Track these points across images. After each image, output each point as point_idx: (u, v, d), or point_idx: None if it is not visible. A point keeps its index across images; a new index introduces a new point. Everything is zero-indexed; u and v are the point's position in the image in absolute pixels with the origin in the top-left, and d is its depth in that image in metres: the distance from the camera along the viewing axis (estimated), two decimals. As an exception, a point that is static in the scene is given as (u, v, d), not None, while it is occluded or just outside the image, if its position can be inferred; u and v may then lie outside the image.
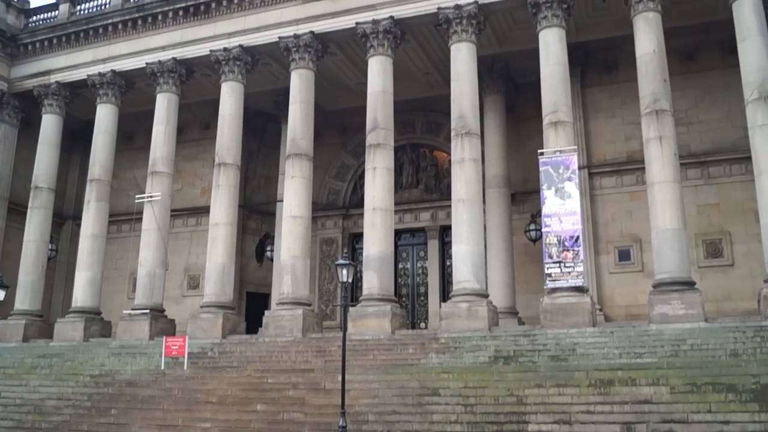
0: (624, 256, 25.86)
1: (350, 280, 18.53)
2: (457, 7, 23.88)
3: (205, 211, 28.50)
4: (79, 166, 34.62)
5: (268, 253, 31.34)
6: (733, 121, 24.62)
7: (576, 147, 22.35)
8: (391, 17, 24.78)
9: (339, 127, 31.83)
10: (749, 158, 21.10)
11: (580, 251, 20.81)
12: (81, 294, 27.63)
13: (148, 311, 25.97)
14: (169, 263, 27.45)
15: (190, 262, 31.63)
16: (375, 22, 24.85)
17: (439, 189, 30.30)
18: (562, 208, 21.16)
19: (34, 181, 29.86)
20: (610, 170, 26.61)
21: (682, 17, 24.19)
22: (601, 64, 27.48)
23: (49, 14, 31.99)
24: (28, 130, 31.42)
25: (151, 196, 26.82)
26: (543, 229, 21.61)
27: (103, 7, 30.45)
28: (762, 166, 20.19)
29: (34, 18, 32.41)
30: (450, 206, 23.74)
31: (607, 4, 24.21)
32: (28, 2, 33.20)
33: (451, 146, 23.62)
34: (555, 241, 20.98)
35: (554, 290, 20.83)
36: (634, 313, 24.22)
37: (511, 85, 28.14)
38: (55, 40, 30.68)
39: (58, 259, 33.37)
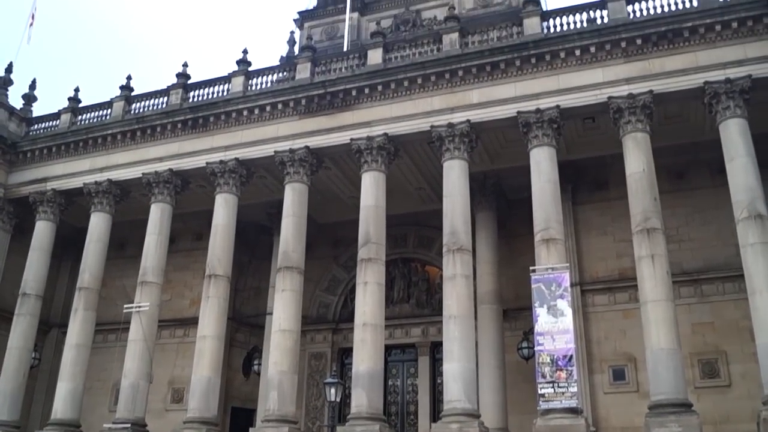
0: (619, 375, 25.33)
1: (338, 400, 18.03)
2: (450, 125, 24.45)
3: (193, 322, 28.04)
4: (69, 273, 34.34)
5: (256, 367, 30.62)
6: (724, 239, 24.64)
7: (568, 264, 22.30)
8: (386, 134, 25.30)
9: (331, 240, 31.84)
10: (742, 276, 21.01)
11: (573, 371, 20.38)
12: (61, 406, 26.78)
13: (129, 426, 25.06)
14: (153, 375, 26.78)
15: (175, 375, 30.88)
16: (369, 138, 25.34)
17: (431, 304, 30.02)
18: (554, 327, 20.87)
19: (23, 288, 29.54)
20: (603, 288, 26.45)
21: (670, 137, 24.75)
22: (591, 181, 27.81)
23: (51, 123, 32.54)
24: (21, 236, 31.37)
25: (139, 307, 26.47)
26: (536, 348, 21.21)
27: (103, 118, 31.06)
28: (755, 285, 20.12)
29: (36, 126, 32.96)
30: (441, 322, 23.40)
31: (596, 123, 24.78)
32: (31, 111, 33.87)
33: (443, 262, 23.55)
34: (548, 360, 20.57)
35: (548, 411, 20.23)
36: (630, 435, 23.49)
37: (503, 201, 28.38)
38: (54, 149, 31.09)
39: (40, 367, 32.57)
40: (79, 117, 31.94)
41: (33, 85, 34.64)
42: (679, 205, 25.82)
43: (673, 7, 23.92)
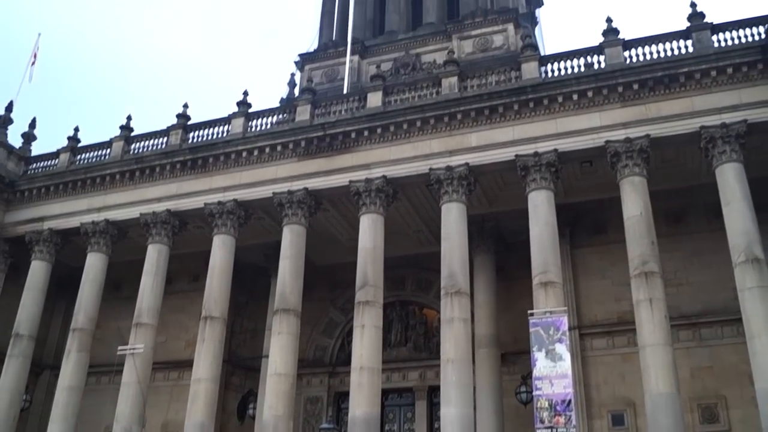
0: (618, 420, 25.03)
1: (334, 446, 17.75)
2: (449, 168, 24.56)
3: (188, 364, 27.70)
4: (63, 313, 34.04)
5: (251, 411, 30.15)
6: (722, 283, 24.47)
7: (566, 308, 22.22)
8: (384, 176, 25.40)
9: (329, 282, 31.68)
10: (741, 320, 20.94)
11: (572, 416, 20.11)
12: (50, 450, 26.32)
13: (120, 471, 24.65)
14: (146, 419, 26.40)
15: (169, 418, 30.39)
16: (368, 180, 25.42)
17: (428, 347, 29.77)
18: (553, 371, 20.65)
19: (16, 328, 29.25)
20: (601, 331, 26.30)
21: (667, 181, 24.90)
22: (590, 225, 27.82)
23: (50, 162, 32.61)
24: (16, 275, 31.18)
25: (133, 349, 26.20)
26: (534, 393, 20.95)
27: (103, 158, 31.16)
28: (754, 330, 20.04)
29: (34, 165, 33.02)
30: (439, 366, 23.18)
31: (594, 167, 24.90)
32: (30, 150, 33.95)
33: (441, 305, 23.45)
34: (546, 405, 20.31)
35: (547, 457, 19.94)
36: (630, 483, 23.15)
37: (501, 244, 28.34)
38: (52, 188, 31.12)
39: (31, 410, 32.05)
40: (78, 156, 32.04)
41: (33, 124, 34.80)
42: (677, 248, 25.80)
43: (669, 53, 24.30)
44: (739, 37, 23.85)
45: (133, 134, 31.26)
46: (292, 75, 38.30)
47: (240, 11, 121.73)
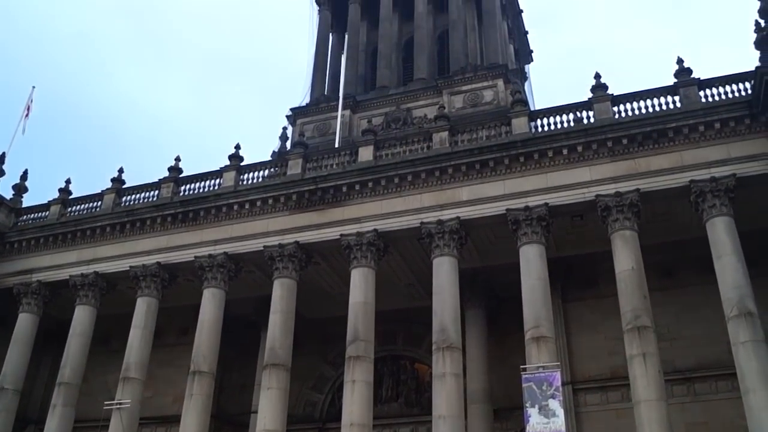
0: (613, 478, 24.58)
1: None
2: (440, 222, 24.60)
3: (175, 420, 27.17)
4: (50, 366, 33.50)
5: (239, 468, 29.58)
6: (715, 337, 24.34)
7: (559, 363, 22.06)
8: (375, 230, 25.41)
9: (319, 336, 31.33)
10: (735, 375, 20.80)
11: (567, 474, 19.78)
12: (34, 508, 25.66)
13: None
14: (132, 476, 25.77)
15: (154, 477, 29.74)
16: (359, 234, 25.42)
17: (420, 403, 29.36)
18: (547, 427, 20.39)
19: (1, 381, 28.75)
20: (595, 386, 26.03)
21: (658, 234, 24.93)
22: (582, 278, 27.74)
23: (40, 214, 32.51)
24: (3, 327, 30.83)
25: (120, 403, 25.74)
26: (528, 450, 20.65)
27: (93, 210, 31.09)
28: (748, 384, 19.90)
29: (25, 217, 32.90)
30: (431, 421, 22.84)
31: (585, 221, 24.96)
32: (21, 201, 33.83)
33: (432, 360, 23.24)
34: (541, 462, 20.00)
35: None
36: None
37: (493, 298, 28.21)
38: (42, 240, 30.96)
39: (15, 466, 31.30)
40: (69, 208, 31.96)
41: (24, 176, 34.78)
42: (670, 302, 25.71)
43: (657, 108, 24.65)
44: (725, 93, 24.20)
45: (124, 187, 31.33)
46: (284, 129, 38.59)
47: (234, 68, 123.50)
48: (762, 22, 23.95)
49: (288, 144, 36.92)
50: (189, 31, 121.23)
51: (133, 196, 30.79)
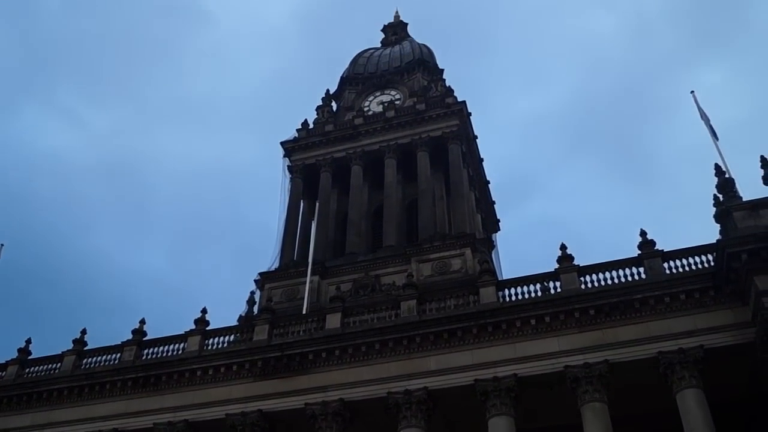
0: None
1: None
2: (407, 392, 24.21)
3: None
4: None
5: None
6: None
7: None
8: (341, 399, 24.87)
9: None
10: None
11: None
12: None
13: None
14: None
15: None
16: (325, 403, 24.85)
17: None
18: None
19: None
20: None
21: (629, 406, 24.43)
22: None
23: (-2, 374, 31.29)
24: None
25: None
26: None
27: (52, 371, 30.08)
28: None
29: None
30: None
31: (555, 391, 24.56)
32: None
33: None
34: None
35: None
36: None
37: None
38: (-5, 402, 29.60)
39: None
40: (27, 369, 30.84)
41: (-17, 337, 33.91)
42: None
43: (623, 279, 25.00)
44: (689, 264, 24.69)
45: (86, 348, 30.54)
46: (252, 293, 38.28)
47: (209, 230, 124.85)
48: (720, 197, 24.94)
49: (255, 308, 36.61)
50: (168, 192, 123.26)
51: (95, 359, 29.98)
